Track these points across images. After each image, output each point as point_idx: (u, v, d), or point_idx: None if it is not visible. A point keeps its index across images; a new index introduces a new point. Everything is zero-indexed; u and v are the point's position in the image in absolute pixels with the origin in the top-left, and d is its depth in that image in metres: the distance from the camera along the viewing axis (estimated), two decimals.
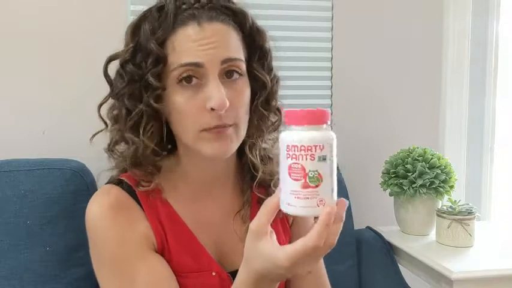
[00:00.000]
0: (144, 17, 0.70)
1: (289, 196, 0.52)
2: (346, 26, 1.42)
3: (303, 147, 0.50)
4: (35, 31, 1.20)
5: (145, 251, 0.71)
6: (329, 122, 0.53)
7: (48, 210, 0.98)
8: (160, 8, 0.69)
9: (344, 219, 0.54)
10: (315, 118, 0.52)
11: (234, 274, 0.64)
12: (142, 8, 0.72)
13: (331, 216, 0.51)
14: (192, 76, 0.67)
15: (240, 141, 0.72)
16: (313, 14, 1.40)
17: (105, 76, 0.74)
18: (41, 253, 0.96)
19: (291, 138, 0.52)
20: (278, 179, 0.75)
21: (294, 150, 0.51)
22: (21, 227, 0.96)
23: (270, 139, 0.79)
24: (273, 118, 0.78)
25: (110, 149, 0.74)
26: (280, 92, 0.80)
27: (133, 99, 0.69)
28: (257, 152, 0.76)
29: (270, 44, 0.76)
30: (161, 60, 0.67)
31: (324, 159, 0.51)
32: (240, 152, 0.78)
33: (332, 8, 1.41)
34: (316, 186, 0.50)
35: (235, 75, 0.69)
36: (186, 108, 0.67)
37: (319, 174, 0.50)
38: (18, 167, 1.01)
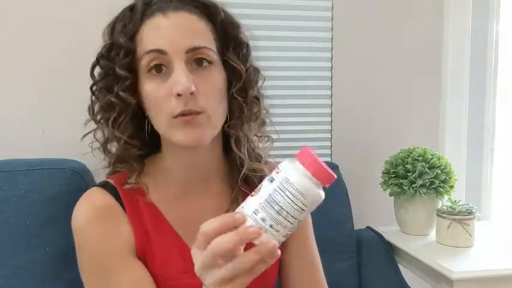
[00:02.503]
0: (118, 18, 0.72)
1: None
2: (346, 26, 1.42)
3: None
4: (35, 31, 1.20)
5: (127, 259, 0.71)
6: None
7: (48, 210, 0.98)
8: (132, 7, 0.71)
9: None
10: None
11: None
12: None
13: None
14: (161, 65, 0.68)
15: (216, 130, 0.71)
16: (313, 14, 1.40)
17: (92, 78, 0.75)
18: (41, 253, 0.96)
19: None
20: (265, 176, 0.77)
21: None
22: (21, 227, 0.96)
23: (257, 135, 0.79)
24: (253, 108, 0.77)
25: (104, 147, 0.76)
26: (281, 92, 0.80)
27: (106, 91, 0.71)
28: (244, 147, 0.76)
29: (247, 36, 0.76)
30: (130, 53, 0.68)
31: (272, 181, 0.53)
32: (228, 147, 0.78)
33: (332, 8, 1.41)
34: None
35: (205, 63, 0.69)
36: (155, 96, 0.68)
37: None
38: (18, 166, 1.01)
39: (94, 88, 0.73)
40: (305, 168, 0.53)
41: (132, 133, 0.73)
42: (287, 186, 0.52)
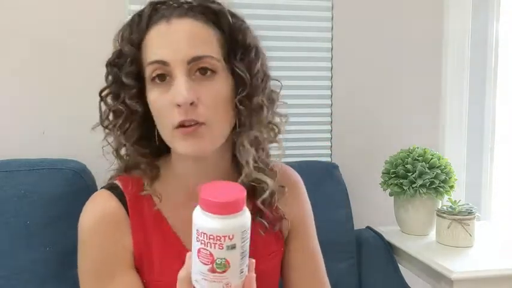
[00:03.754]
0: (127, 24, 0.72)
1: (198, 275, 0.52)
2: (346, 26, 1.42)
3: (211, 236, 0.50)
4: (35, 31, 1.20)
5: (123, 267, 0.71)
6: (244, 207, 0.52)
7: (48, 210, 0.98)
8: (140, 14, 0.71)
9: None
10: (228, 208, 0.50)
11: None
12: (141, 7, 0.73)
13: None
14: (164, 74, 0.67)
15: (219, 140, 0.70)
16: (313, 14, 1.40)
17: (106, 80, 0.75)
18: (41, 253, 0.96)
19: (201, 223, 0.51)
20: (274, 192, 0.76)
21: (203, 237, 0.50)
22: (21, 227, 0.96)
23: (265, 145, 0.77)
24: (258, 116, 0.73)
25: (117, 152, 0.76)
26: (280, 92, 0.79)
27: (114, 98, 0.71)
28: (249, 155, 0.72)
29: (256, 38, 0.74)
30: (135, 61, 0.69)
31: (234, 247, 0.50)
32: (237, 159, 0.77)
33: (332, 8, 1.41)
34: (223, 271, 0.51)
35: (209, 72, 0.68)
36: (158, 106, 0.68)
37: (226, 261, 0.50)
38: (18, 167, 1.01)
39: (103, 94, 0.73)
40: (202, 210, 0.51)
41: (140, 139, 0.73)
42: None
